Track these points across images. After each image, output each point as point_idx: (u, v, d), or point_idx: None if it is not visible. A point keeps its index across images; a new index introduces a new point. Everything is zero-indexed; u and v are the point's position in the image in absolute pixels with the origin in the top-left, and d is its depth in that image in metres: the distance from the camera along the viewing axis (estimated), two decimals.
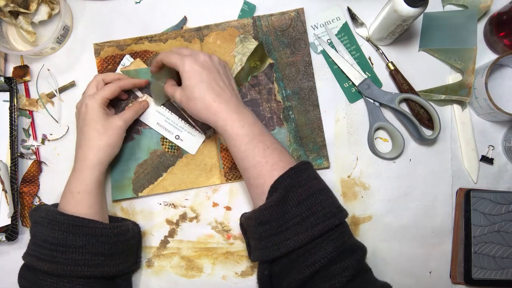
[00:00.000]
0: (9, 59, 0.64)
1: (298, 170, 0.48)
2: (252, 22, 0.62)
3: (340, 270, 0.44)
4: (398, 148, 0.61)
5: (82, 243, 0.49)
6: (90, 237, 0.50)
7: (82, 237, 0.49)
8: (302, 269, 0.44)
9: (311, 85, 0.62)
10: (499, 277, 0.58)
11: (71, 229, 0.49)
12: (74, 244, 0.49)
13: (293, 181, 0.47)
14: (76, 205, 0.51)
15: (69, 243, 0.49)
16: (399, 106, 0.60)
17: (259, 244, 0.49)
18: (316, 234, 0.45)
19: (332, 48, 0.63)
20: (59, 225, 0.49)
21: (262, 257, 0.49)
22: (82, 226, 0.50)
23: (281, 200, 0.46)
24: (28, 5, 0.61)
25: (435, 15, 0.62)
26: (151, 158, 0.61)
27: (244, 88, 0.62)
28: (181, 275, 0.60)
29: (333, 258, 0.44)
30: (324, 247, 0.44)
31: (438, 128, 0.59)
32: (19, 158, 0.62)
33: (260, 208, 0.48)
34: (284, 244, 0.45)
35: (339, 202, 0.50)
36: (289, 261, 0.46)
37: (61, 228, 0.49)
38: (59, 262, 0.48)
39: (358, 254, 0.46)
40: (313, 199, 0.46)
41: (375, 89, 0.61)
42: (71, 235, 0.49)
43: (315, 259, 0.44)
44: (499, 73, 0.63)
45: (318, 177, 0.51)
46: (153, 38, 0.62)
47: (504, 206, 0.59)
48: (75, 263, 0.49)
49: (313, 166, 0.52)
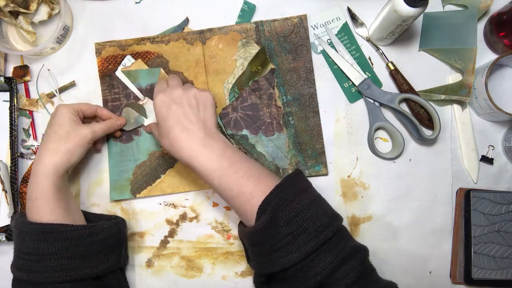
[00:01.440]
0: (9, 59, 0.64)
1: (284, 188, 0.47)
2: (255, 27, 0.62)
3: (344, 274, 0.44)
4: (398, 148, 0.61)
5: (54, 249, 0.48)
6: (62, 242, 0.49)
7: (53, 244, 0.48)
8: (306, 281, 0.44)
9: (312, 91, 0.62)
10: (499, 277, 0.58)
11: (41, 236, 0.48)
12: (46, 252, 0.48)
13: (280, 200, 0.46)
14: (38, 212, 0.49)
15: (42, 251, 0.48)
16: (399, 106, 0.60)
17: (255, 259, 0.49)
18: (309, 251, 0.44)
19: (332, 48, 0.63)
20: (28, 235, 0.48)
21: (258, 270, 0.49)
22: (51, 232, 0.48)
23: (271, 221, 0.45)
24: (28, 5, 0.61)
25: (435, 15, 0.62)
26: (150, 159, 0.61)
27: (244, 92, 0.62)
28: (181, 275, 0.60)
29: (335, 266, 0.44)
30: (323, 259, 0.44)
31: (438, 128, 0.59)
32: (19, 158, 0.62)
33: (250, 231, 0.47)
34: (278, 262, 0.45)
35: (331, 210, 0.49)
36: (288, 276, 0.46)
37: (31, 237, 0.48)
38: (35, 271, 0.48)
39: (360, 255, 0.46)
40: (302, 215, 0.45)
41: (375, 89, 0.61)
42: (42, 243, 0.48)
43: (316, 271, 0.44)
44: (499, 73, 0.63)
45: (307, 189, 0.49)
46: (155, 39, 0.62)
47: (504, 206, 0.59)
48: (51, 270, 0.48)
49: (302, 175, 0.51)
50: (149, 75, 0.62)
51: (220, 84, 0.62)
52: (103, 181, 0.62)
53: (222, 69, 0.62)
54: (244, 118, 0.62)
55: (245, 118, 0.62)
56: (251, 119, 0.62)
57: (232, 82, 0.62)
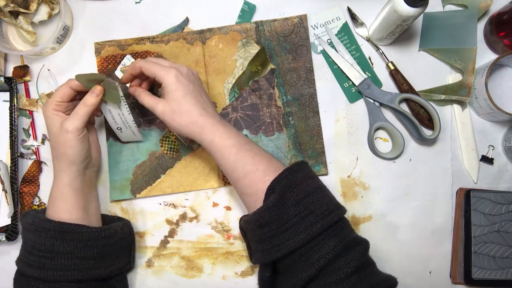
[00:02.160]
0: (9, 59, 0.64)
1: (293, 170, 0.48)
2: (255, 27, 0.62)
3: (345, 263, 0.44)
4: (398, 148, 0.61)
5: (69, 248, 0.49)
6: (77, 242, 0.49)
7: (69, 243, 0.49)
8: (307, 267, 0.44)
9: (312, 91, 0.62)
10: (499, 277, 0.58)
11: (58, 235, 0.49)
12: (61, 250, 0.49)
13: (289, 182, 0.47)
14: (57, 211, 0.51)
15: (57, 249, 0.49)
16: (399, 106, 0.60)
17: (260, 247, 0.49)
18: (316, 232, 0.45)
19: (332, 48, 0.63)
20: (45, 232, 0.49)
21: (263, 259, 0.48)
22: (68, 232, 0.49)
23: (279, 200, 0.46)
24: (28, 5, 0.61)
25: (435, 15, 0.62)
26: (150, 159, 0.61)
27: (244, 92, 0.62)
28: (181, 275, 0.60)
29: (338, 252, 0.44)
30: (327, 243, 0.45)
31: (438, 128, 0.59)
32: (19, 158, 0.62)
33: (258, 211, 0.48)
34: (284, 244, 0.45)
35: (336, 200, 0.50)
36: (292, 261, 0.46)
37: (47, 235, 0.49)
38: (48, 268, 0.48)
39: (361, 247, 0.46)
40: (310, 198, 0.46)
41: (375, 89, 0.61)
42: (58, 241, 0.49)
43: (319, 255, 0.44)
44: (499, 73, 0.63)
45: (314, 176, 0.51)
46: (154, 39, 0.62)
47: (504, 206, 0.59)
48: (64, 268, 0.49)
49: (308, 165, 0.52)
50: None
51: (220, 84, 0.62)
52: (103, 181, 0.62)
53: (222, 69, 0.62)
54: (244, 118, 0.62)
55: (245, 118, 0.62)
56: (251, 119, 0.62)
57: (232, 82, 0.62)
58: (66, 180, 0.51)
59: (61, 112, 0.52)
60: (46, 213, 0.52)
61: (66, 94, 0.51)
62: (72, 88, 0.52)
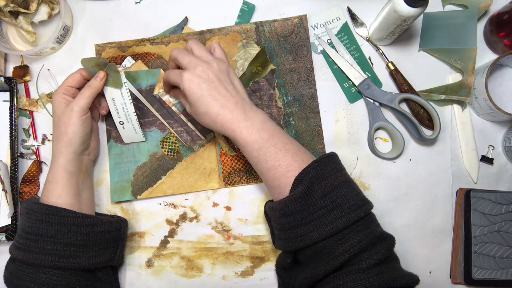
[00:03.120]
0: (9, 59, 0.64)
1: (322, 162, 0.48)
2: (255, 27, 0.62)
3: (369, 256, 0.44)
4: (398, 148, 0.61)
5: (53, 232, 0.49)
6: (62, 226, 0.50)
7: (53, 226, 0.50)
8: (330, 260, 0.44)
9: (312, 92, 0.62)
10: (499, 277, 0.58)
11: (43, 217, 0.50)
12: (45, 233, 0.49)
13: (317, 174, 0.47)
14: (48, 195, 0.52)
15: (41, 232, 0.49)
16: (399, 106, 0.60)
17: (282, 235, 0.49)
18: (340, 227, 0.44)
19: (332, 48, 0.63)
20: (33, 214, 0.50)
21: (284, 247, 0.49)
22: (54, 214, 0.50)
23: (306, 192, 0.46)
24: (28, 5, 0.61)
25: (435, 15, 0.62)
26: (151, 161, 0.61)
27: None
28: (181, 275, 0.61)
29: (362, 247, 0.44)
30: (352, 237, 0.44)
31: (438, 128, 0.59)
32: (19, 158, 0.62)
33: (285, 200, 0.47)
34: (308, 236, 0.45)
35: (363, 195, 0.49)
36: (314, 253, 0.46)
37: (35, 217, 0.50)
38: (31, 251, 0.49)
39: (387, 242, 0.46)
40: (337, 192, 0.46)
41: (375, 89, 0.61)
42: (43, 224, 0.49)
43: (343, 249, 0.44)
44: (499, 73, 0.63)
45: (342, 169, 0.50)
46: (155, 40, 0.62)
47: (504, 206, 0.59)
48: (46, 252, 0.49)
49: (337, 157, 0.52)
50: (148, 76, 0.62)
51: None
52: (103, 181, 0.62)
53: None
54: None
55: None
56: None
57: None
58: (61, 162, 0.53)
59: (69, 96, 0.55)
60: (40, 197, 0.53)
61: (75, 79, 0.56)
62: (82, 75, 0.56)
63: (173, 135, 0.62)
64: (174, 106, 0.61)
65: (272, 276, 0.60)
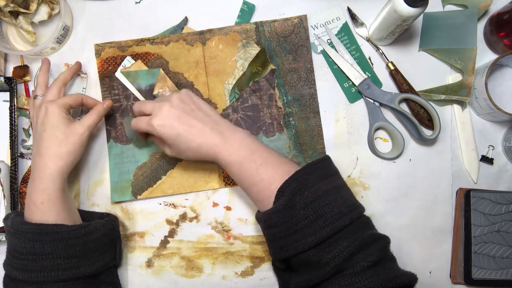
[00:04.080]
0: (9, 59, 0.64)
1: (305, 172, 0.48)
2: (255, 28, 0.62)
3: (362, 258, 0.44)
4: (398, 148, 0.61)
5: (50, 249, 0.49)
6: (58, 242, 0.49)
7: (49, 244, 0.49)
8: (320, 267, 0.44)
9: (312, 92, 0.62)
10: (499, 277, 0.58)
11: (36, 237, 0.48)
12: (42, 252, 0.48)
13: (299, 184, 0.47)
14: (43, 215, 0.50)
15: (38, 251, 0.48)
16: (399, 106, 0.60)
17: (270, 244, 0.50)
18: (324, 236, 0.44)
19: (332, 48, 0.63)
20: (24, 235, 0.48)
21: (273, 256, 0.50)
22: (47, 233, 0.49)
23: (288, 203, 0.46)
24: (28, 5, 0.61)
25: (435, 15, 0.62)
26: (151, 161, 0.61)
27: (245, 93, 0.62)
28: (181, 275, 0.61)
29: (352, 251, 0.44)
30: (339, 244, 0.44)
31: (438, 128, 0.59)
32: (19, 158, 0.62)
33: (268, 212, 0.48)
34: (292, 246, 0.46)
35: (353, 200, 0.49)
36: (303, 261, 0.46)
37: (27, 237, 0.48)
38: (31, 270, 0.48)
39: (380, 243, 0.46)
40: (320, 201, 0.46)
41: (375, 89, 0.61)
42: (38, 243, 0.48)
43: (332, 255, 0.44)
44: (499, 73, 0.63)
45: (330, 175, 0.50)
46: (154, 40, 0.62)
47: (504, 206, 0.59)
48: (47, 269, 0.48)
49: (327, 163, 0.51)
50: (148, 75, 0.62)
51: (221, 85, 0.62)
52: (103, 181, 0.62)
53: (222, 70, 0.62)
54: (244, 119, 0.62)
55: (245, 119, 0.62)
56: (252, 119, 0.62)
57: (232, 83, 0.62)
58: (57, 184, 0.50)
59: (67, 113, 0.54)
60: (24, 216, 0.51)
61: (77, 102, 0.56)
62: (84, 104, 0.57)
63: None
64: None
65: (272, 276, 0.60)
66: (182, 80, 0.62)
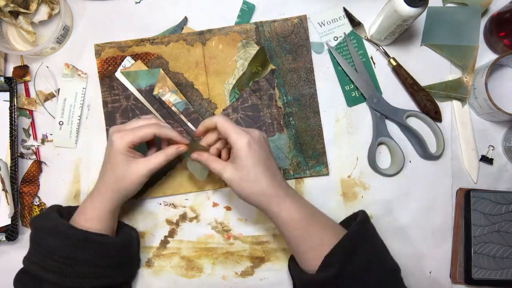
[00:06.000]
0: (9, 59, 0.64)
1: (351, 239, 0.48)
2: (255, 28, 0.62)
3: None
4: (398, 165, 0.60)
5: (90, 257, 0.50)
6: (99, 252, 0.50)
7: (91, 251, 0.49)
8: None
9: (312, 92, 0.62)
10: (499, 277, 0.58)
11: (81, 244, 0.49)
12: (82, 258, 0.49)
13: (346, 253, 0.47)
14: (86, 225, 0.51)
15: (78, 256, 0.49)
16: (405, 122, 0.60)
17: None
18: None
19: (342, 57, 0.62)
20: (68, 239, 0.49)
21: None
22: (91, 241, 0.50)
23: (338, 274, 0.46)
24: (28, 5, 0.61)
25: (439, 10, 0.62)
26: None
27: (245, 93, 0.62)
28: (181, 275, 0.61)
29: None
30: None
31: (442, 145, 0.60)
32: (19, 158, 0.62)
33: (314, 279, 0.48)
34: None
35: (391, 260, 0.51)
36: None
37: (70, 242, 0.49)
38: (67, 275, 0.48)
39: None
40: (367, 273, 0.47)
41: (384, 103, 0.61)
42: (80, 249, 0.49)
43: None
44: (499, 73, 0.63)
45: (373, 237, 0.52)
46: (154, 41, 0.62)
47: (504, 206, 0.59)
48: (83, 276, 0.49)
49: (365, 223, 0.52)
50: (148, 76, 0.62)
51: (221, 85, 0.62)
52: None
53: (222, 70, 0.62)
54: (244, 119, 0.62)
55: (245, 119, 0.62)
56: (252, 119, 0.62)
57: (232, 83, 0.62)
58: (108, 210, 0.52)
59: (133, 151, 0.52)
60: (71, 219, 0.52)
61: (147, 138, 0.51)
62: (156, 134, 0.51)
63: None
64: (174, 106, 0.61)
65: (272, 276, 0.60)
66: (182, 80, 0.62)
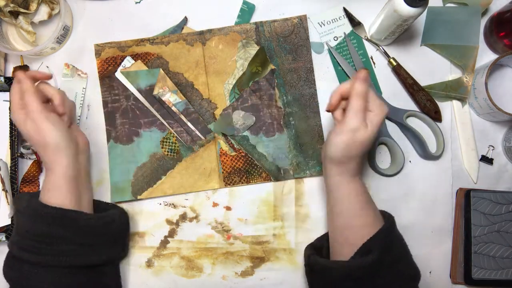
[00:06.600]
0: (9, 59, 0.64)
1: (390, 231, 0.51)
2: (254, 28, 0.62)
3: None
4: (397, 166, 0.60)
5: (67, 234, 0.49)
6: (75, 229, 0.50)
7: (67, 228, 0.49)
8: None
9: (312, 92, 0.62)
10: (499, 277, 0.58)
11: (56, 221, 0.49)
12: (58, 235, 0.49)
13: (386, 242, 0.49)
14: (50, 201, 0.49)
15: (54, 234, 0.49)
16: (405, 122, 0.60)
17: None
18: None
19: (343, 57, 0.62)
20: (41, 218, 0.49)
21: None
22: (66, 217, 0.49)
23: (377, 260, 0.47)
24: (28, 5, 0.61)
25: (439, 10, 0.62)
26: (151, 161, 0.61)
27: (245, 93, 0.62)
28: (181, 275, 0.61)
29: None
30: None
31: (442, 145, 0.60)
32: (19, 158, 0.62)
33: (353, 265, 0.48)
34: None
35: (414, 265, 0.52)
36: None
37: (44, 220, 0.49)
38: (44, 253, 0.48)
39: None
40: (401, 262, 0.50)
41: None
42: (55, 227, 0.49)
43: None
44: (499, 73, 0.63)
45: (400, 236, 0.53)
46: (154, 40, 0.62)
47: (504, 206, 0.59)
48: (60, 254, 0.49)
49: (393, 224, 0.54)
50: (148, 76, 0.62)
51: (221, 85, 0.62)
52: (103, 181, 0.62)
53: (222, 70, 0.62)
54: None
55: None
56: None
57: (232, 83, 0.62)
58: (57, 170, 0.50)
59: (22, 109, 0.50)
60: (40, 197, 0.51)
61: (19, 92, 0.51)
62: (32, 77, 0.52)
63: (173, 135, 0.62)
64: (174, 106, 0.61)
65: (272, 276, 0.60)
66: (182, 80, 0.62)
